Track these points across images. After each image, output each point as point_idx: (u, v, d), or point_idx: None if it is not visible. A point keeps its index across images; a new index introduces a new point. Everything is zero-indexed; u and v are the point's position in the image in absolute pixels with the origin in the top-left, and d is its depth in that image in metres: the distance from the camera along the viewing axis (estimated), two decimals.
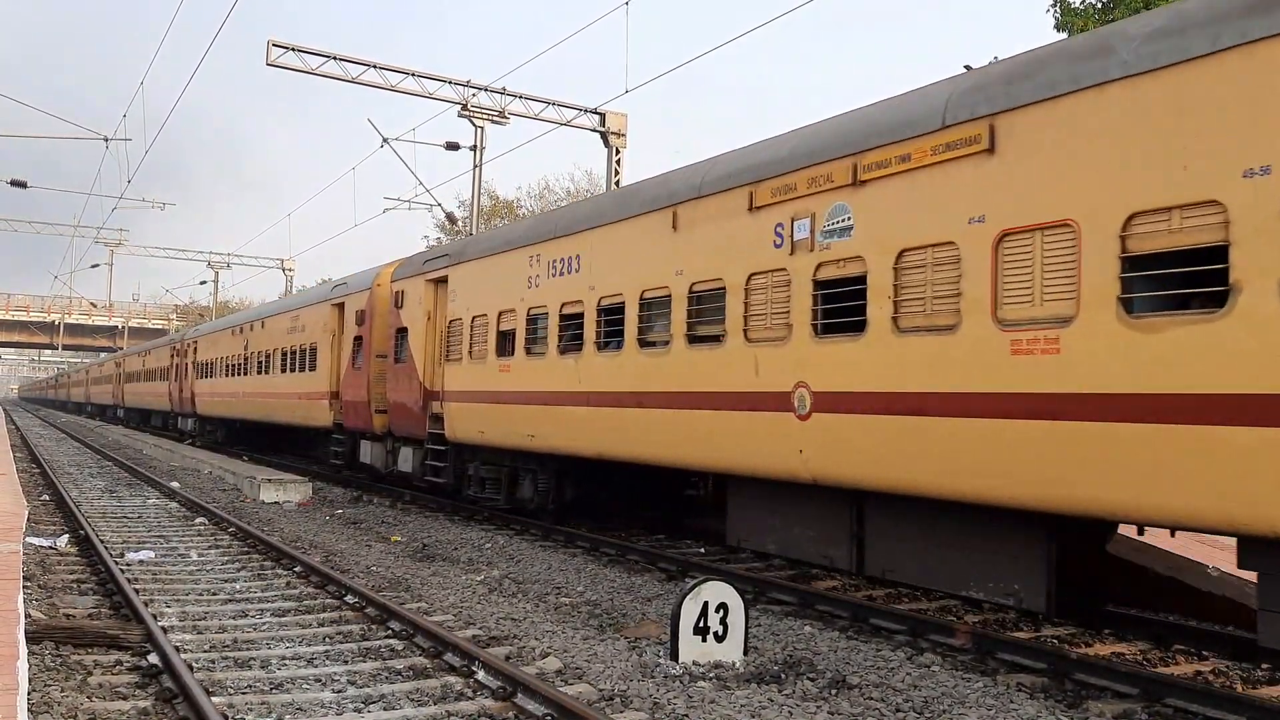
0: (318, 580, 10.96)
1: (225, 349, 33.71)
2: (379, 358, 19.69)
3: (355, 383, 20.86)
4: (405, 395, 18.22)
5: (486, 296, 15.48)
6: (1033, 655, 7.75)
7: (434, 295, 17.50)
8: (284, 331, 26.82)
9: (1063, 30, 19.46)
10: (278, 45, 23.12)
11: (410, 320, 18.22)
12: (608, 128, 25.99)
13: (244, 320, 32.29)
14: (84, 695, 6.73)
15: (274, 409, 27.54)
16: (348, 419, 21.43)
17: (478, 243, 16.58)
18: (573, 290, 13.15)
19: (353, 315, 21.33)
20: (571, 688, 7.05)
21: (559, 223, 14.02)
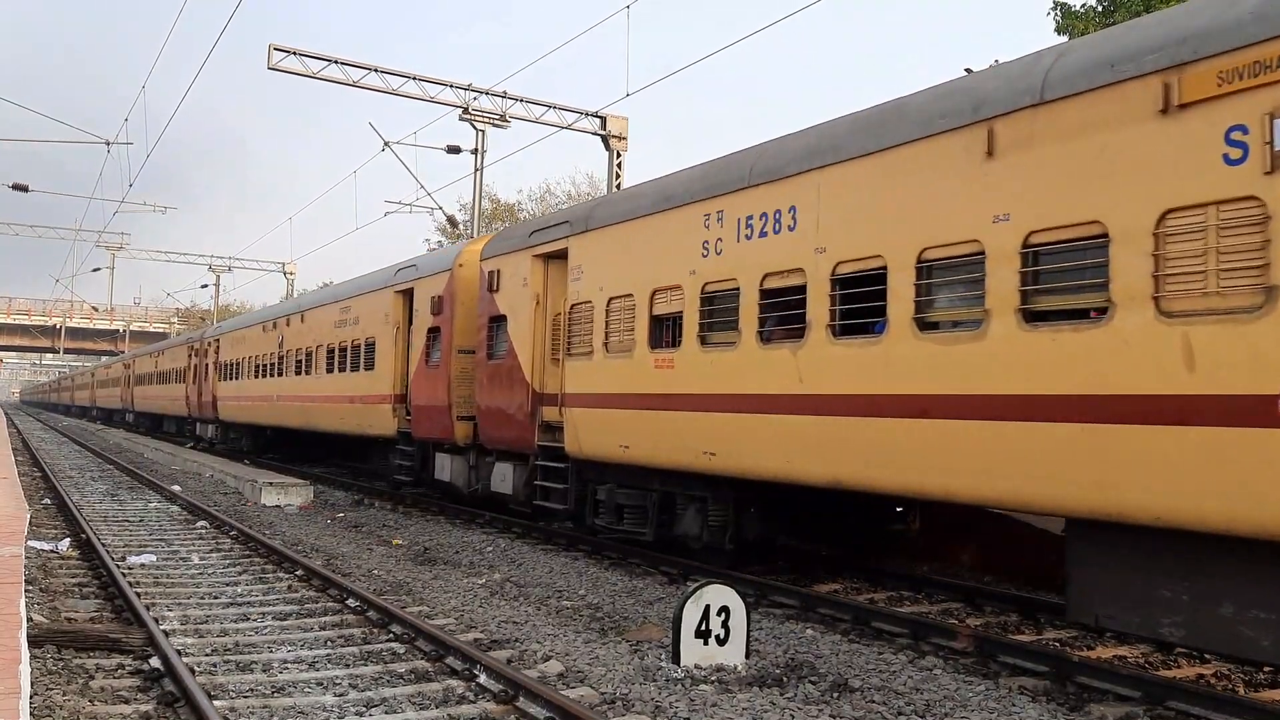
0: (319, 584, 10.96)
1: (254, 347, 30.07)
2: (462, 353, 16.56)
3: (430, 383, 17.53)
4: (503, 399, 14.91)
5: (631, 271, 11.97)
6: (1034, 658, 7.75)
7: (545, 273, 14.16)
8: (329, 325, 23.28)
9: (1063, 33, 19.47)
10: (279, 49, 23.16)
11: (510, 306, 14.85)
12: (609, 131, 26.01)
13: (278, 314, 28.64)
14: (86, 699, 6.73)
15: (317, 415, 23.95)
16: (419, 427, 18.00)
17: (613, 204, 13.06)
18: (784, 255, 9.69)
19: (426, 302, 17.87)
20: (573, 691, 7.05)
21: (756, 165, 10.32)
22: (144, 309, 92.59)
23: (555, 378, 13.69)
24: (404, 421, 18.88)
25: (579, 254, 13.20)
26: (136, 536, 14.64)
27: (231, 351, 32.85)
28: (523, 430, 14.34)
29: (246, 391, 30.74)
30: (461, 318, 16.84)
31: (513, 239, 15.23)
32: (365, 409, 20.62)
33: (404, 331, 19.09)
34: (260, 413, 29.22)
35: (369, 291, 21.22)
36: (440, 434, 17.23)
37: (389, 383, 19.39)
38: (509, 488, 15.07)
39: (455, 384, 16.67)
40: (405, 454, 19.13)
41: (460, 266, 16.98)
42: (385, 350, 19.73)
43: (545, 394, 13.93)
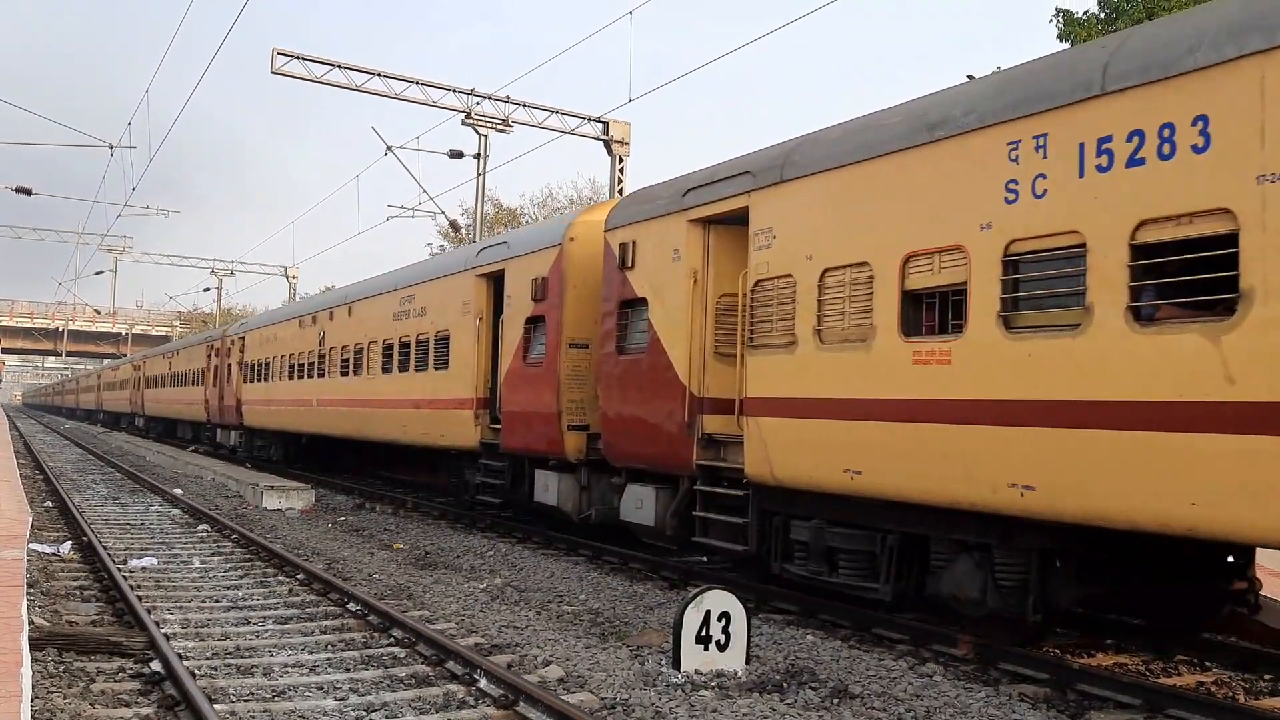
0: (320, 588, 10.97)
1: (288, 345, 26.64)
2: (575, 347, 13.69)
3: (529, 385, 14.46)
4: (642, 404, 11.82)
5: (865, 230, 8.82)
6: (1035, 665, 7.74)
7: (705, 243, 11.20)
8: (386, 317, 20.08)
9: (1066, 40, 19.50)
10: (282, 54, 23.22)
11: (653, 286, 11.79)
12: (611, 136, 26.06)
13: (318, 307, 25.09)
14: (87, 702, 6.74)
15: (369, 421, 20.69)
16: (511, 437, 14.94)
17: (827, 143, 9.59)
18: (1180, 190, 6.56)
19: (523, 287, 14.82)
20: (573, 696, 7.05)
21: (1114, 63, 7.14)
22: (146, 312, 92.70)
23: (724, 377, 10.92)
24: (488, 431, 15.95)
25: (768, 213, 10.02)
26: (138, 540, 14.65)
27: (259, 350, 29.57)
28: (672, 445, 11.21)
29: (278, 395, 27.44)
30: (574, 304, 13.76)
31: (655, 201, 11.99)
32: (436, 415, 17.48)
33: (488, 323, 16.14)
34: (295, 418, 25.96)
35: (441, 276, 17.94)
36: (543, 447, 14.09)
37: (469, 384, 16.35)
38: (648, 517, 11.86)
39: (565, 385, 13.64)
40: (491, 470, 15.93)
41: (572, 241, 13.82)
42: (464, 345, 16.67)
43: (707, 399, 10.97)
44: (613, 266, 12.57)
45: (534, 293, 14.45)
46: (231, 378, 32.33)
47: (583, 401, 13.61)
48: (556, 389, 13.72)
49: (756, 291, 10.19)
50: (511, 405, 15.00)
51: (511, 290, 15.26)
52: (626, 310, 12.40)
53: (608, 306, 12.69)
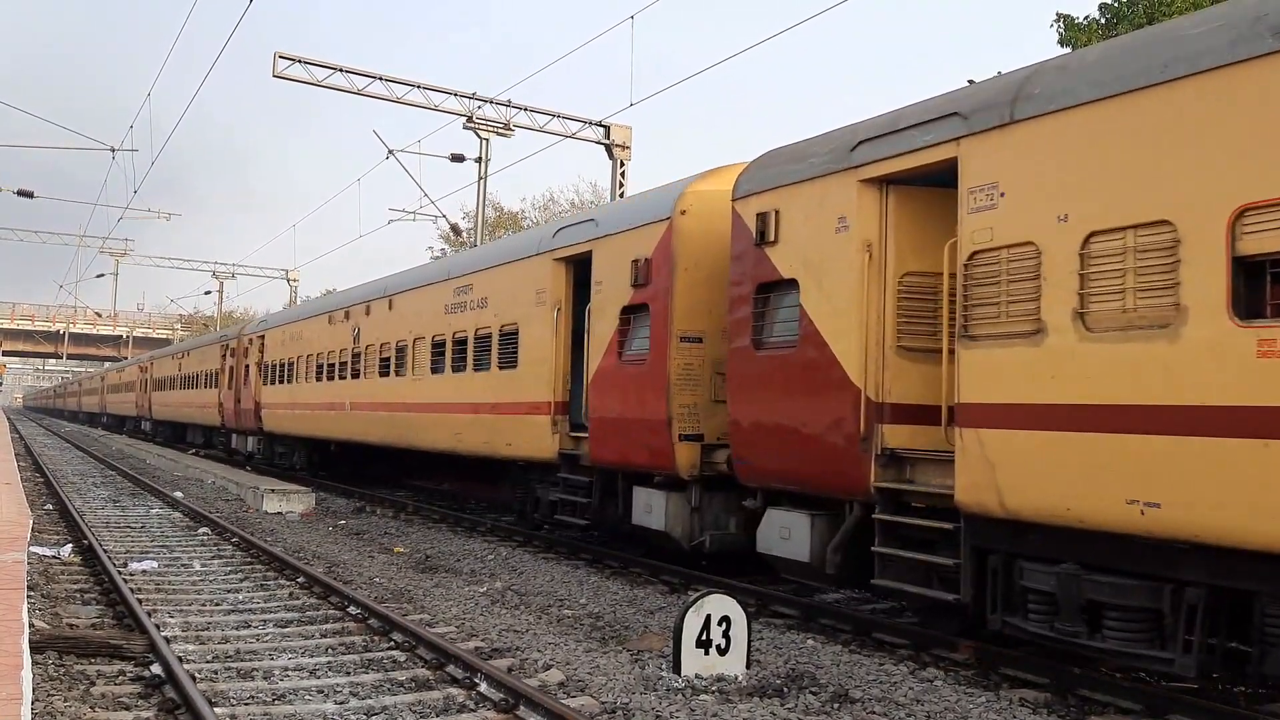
0: (320, 591, 10.96)
1: (315, 343, 24.41)
2: (686, 342, 11.60)
3: (626, 386, 12.38)
4: (791, 411, 9.63)
5: (1168, 178, 6.61)
6: (1036, 670, 7.74)
7: (883, 209, 8.93)
8: (436, 311, 17.89)
9: (1066, 44, 19.54)
10: (284, 58, 23.26)
11: (806, 265, 9.52)
12: (612, 140, 26.09)
13: (351, 301, 22.64)
14: (87, 705, 6.74)
15: (416, 428, 18.41)
16: (602, 448, 12.74)
17: (1089, 68, 7.39)
18: None
19: (618, 271, 12.62)
20: (574, 700, 7.05)
21: None
22: (148, 315, 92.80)
23: (910, 378, 8.84)
24: (568, 439, 13.74)
25: (990, 164, 7.82)
26: (138, 543, 14.65)
27: (282, 350, 27.22)
28: (838, 462, 9.06)
29: (303, 397, 25.18)
30: (686, 289, 11.61)
31: (808, 160, 9.65)
32: (500, 422, 15.25)
33: (568, 314, 13.96)
34: (323, 424, 23.72)
35: (506, 262, 15.68)
36: (645, 460, 11.94)
37: (544, 385, 14.02)
38: (800, 550, 9.66)
39: (676, 387, 11.53)
40: (573, 487, 13.61)
41: (683, 215, 11.67)
42: (536, 340, 14.40)
43: (888, 404, 8.79)
44: (746, 242, 10.30)
45: (633, 277, 12.19)
46: (249, 379, 30.01)
47: (696, 406, 11.53)
48: (665, 391, 11.55)
49: (974, 266, 7.85)
50: (603, 410, 12.70)
51: (602, 275, 12.95)
52: (766, 295, 10.08)
53: (739, 291, 10.41)
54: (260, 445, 29.67)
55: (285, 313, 31.36)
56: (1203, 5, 15.95)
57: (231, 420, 32.15)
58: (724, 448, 11.14)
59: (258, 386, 29.17)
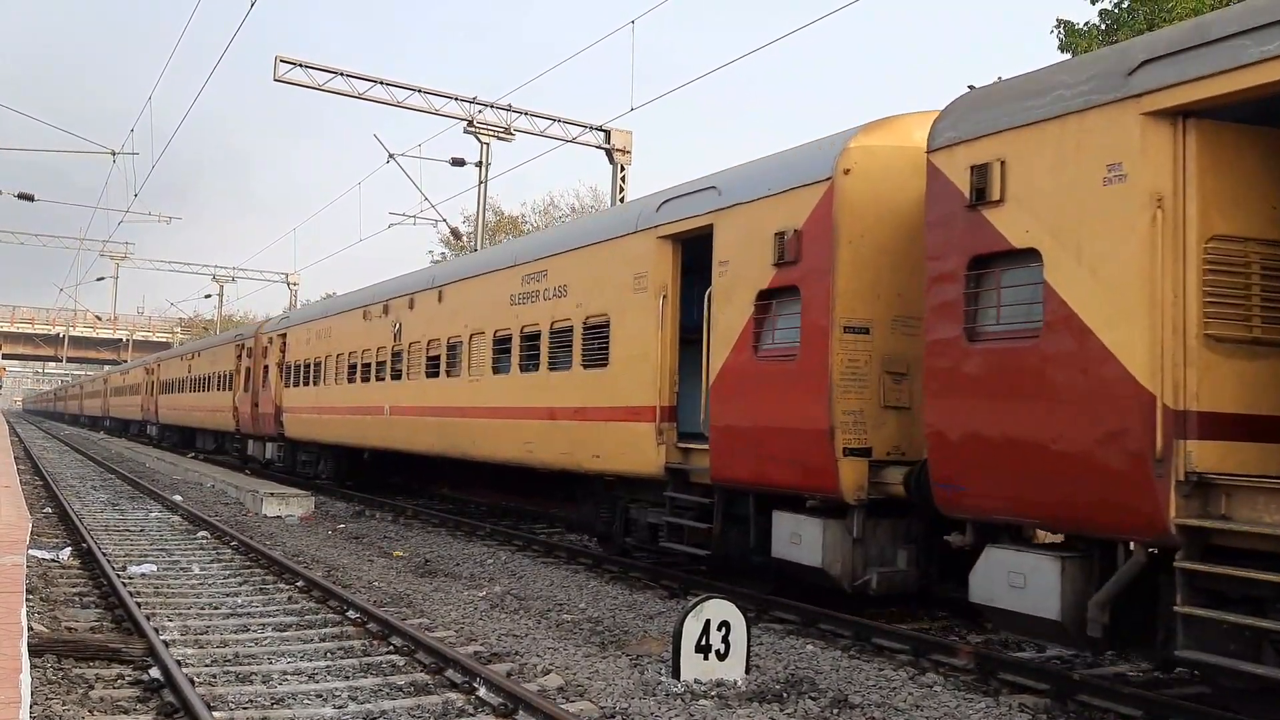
0: (319, 595, 10.95)
1: (347, 340, 22.22)
2: (851, 333, 9.52)
3: (767, 387, 10.14)
4: (1027, 420, 7.51)
5: None
6: (1035, 676, 7.73)
7: (1179, 153, 6.85)
8: (499, 301, 15.53)
9: (1067, 51, 19.56)
10: (285, 61, 23.29)
11: (1053, 230, 7.44)
12: (613, 145, 26.11)
13: (392, 293, 20.29)
14: (85, 709, 6.73)
15: (471, 435, 16.14)
16: (729, 462, 10.54)
17: None
18: None
19: (752, 247, 10.47)
20: (573, 705, 7.04)
21: None
22: (147, 318, 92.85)
23: (1230, 377, 6.73)
24: (675, 452, 11.46)
25: None
26: (137, 546, 14.64)
27: (307, 348, 25.11)
28: (1114, 489, 6.88)
29: (331, 401, 23.01)
30: (851, 267, 9.44)
31: (1054, 92, 7.50)
32: (586, 430, 12.96)
33: (675, 302, 11.78)
34: (355, 429, 21.53)
35: (593, 243, 13.42)
36: (794, 479, 9.73)
37: (645, 387, 11.74)
38: (1047, 605, 7.32)
39: (840, 389, 9.32)
40: (682, 508, 11.34)
41: (847, 174, 9.50)
42: (634, 334, 12.14)
43: (1194, 414, 6.63)
44: (952, 204, 8.17)
45: (776, 254, 10.02)
46: (269, 381, 27.75)
47: (862, 413, 9.37)
48: (826, 395, 9.31)
49: None
50: (729, 417, 10.49)
51: (728, 253, 10.74)
52: (985, 271, 7.95)
53: (942, 267, 8.25)
54: (281, 452, 27.55)
55: (311, 308, 28.28)
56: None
57: (248, 425, 29.98)
58: (895, 465, 9.29)
59: (278, 389, 26.92)
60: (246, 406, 29.84)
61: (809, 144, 10.57)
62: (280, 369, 26.97)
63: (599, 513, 13.56)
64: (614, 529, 13.16)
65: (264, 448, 28.97)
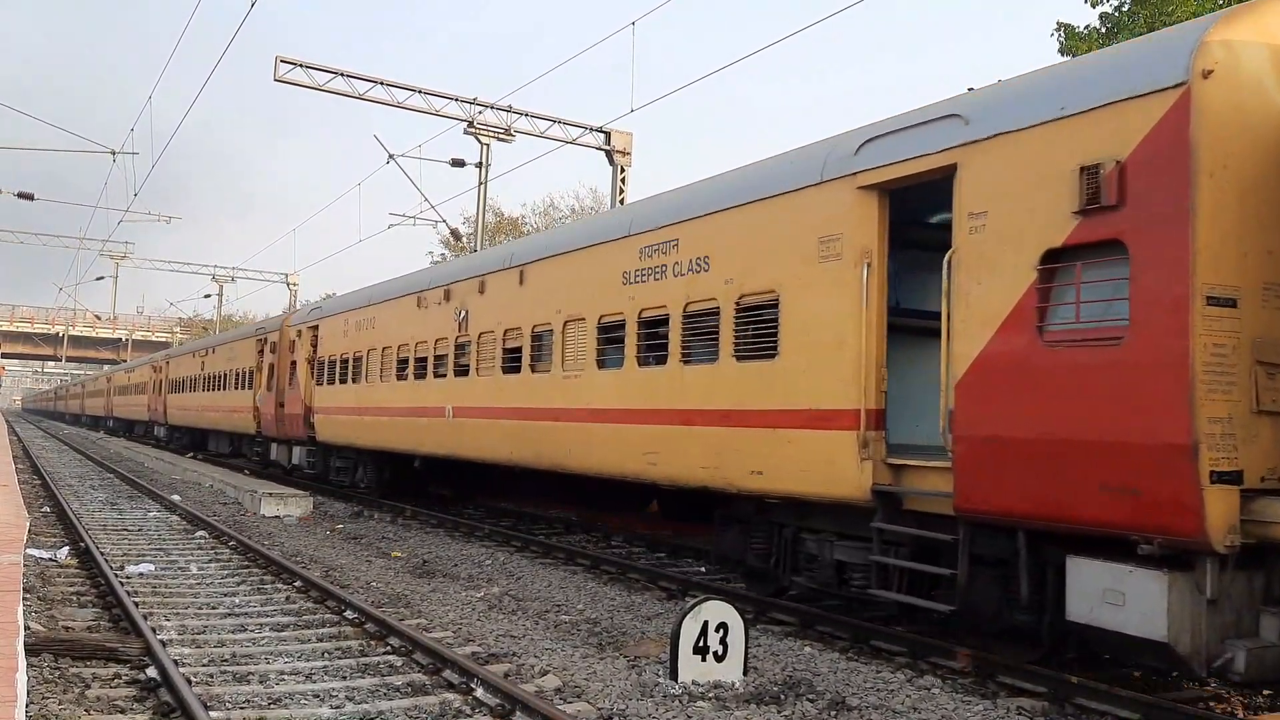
0: (317, 595, 10.95)
1: (397, 331, 19.27)
2: (1216, 305, 6.75)
3: (1061, 383, 7.39)
4: None
5: None
6: (1033, 679, 7.72)
7: None
8: (604, 281, 12.90)
9: (1067, 54, 19.57)
10: (285, 61, 23.29)
11: None
12: (613, 146, 26.12)
13: (454, 277, 17.51)
14: (82, 708, 6.72)
15: (572, 443, 13.25)
16: (988, 487, 7.76)
17: None
18: None
19: (1035, 189, 7.70)
20: (570, 706, 7.03)
21: None
22: (147, 318, 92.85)
23: None
24: (884, 471, 8.74)
25: None
26: (135, 546, 14.62)
27: (344, 341, 22.11)
28: None
29: (374, 400, 20.06)
30: (1214, 213, 6.74)
31: None
32: (744, 438, 10.22)
33: (881, 271, 9.06)
34: (409, 434, 18.49)
35: (750, 201, 10.63)
36: (1110, 515, 6.95)
37: (842, 384, 9.19)
38: None
39: (1205, 387, 6.63)
40: (893, 543, 8.72)
41: (1208, 78, 6.80)
42: (821, 314, 9.50)
43: None
44: None
45: (1082, 197, 7.27)
46: (297, 379, 25.05)
47: (1232, 422, 6.69)
48: (1183, 394, 6.62)
49: None
50: (994, 424, 7.75)
51: (985, 201, 8.01)
52: None
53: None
54: (311, 458, 24.44)
55: (349, 296, 23.99)
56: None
57: (271, 427, 27.07)
58: (1273, 495, 6.67)
59: (308, 387, 24.12)
60: (270, 407, 27.09)
61: (1134, 43, 7.96)
62: (311, 365, 24.23)
63: (748, 543, 10.78)
64: (774, 564, 10.52)
65: (289, 452, 26.05)
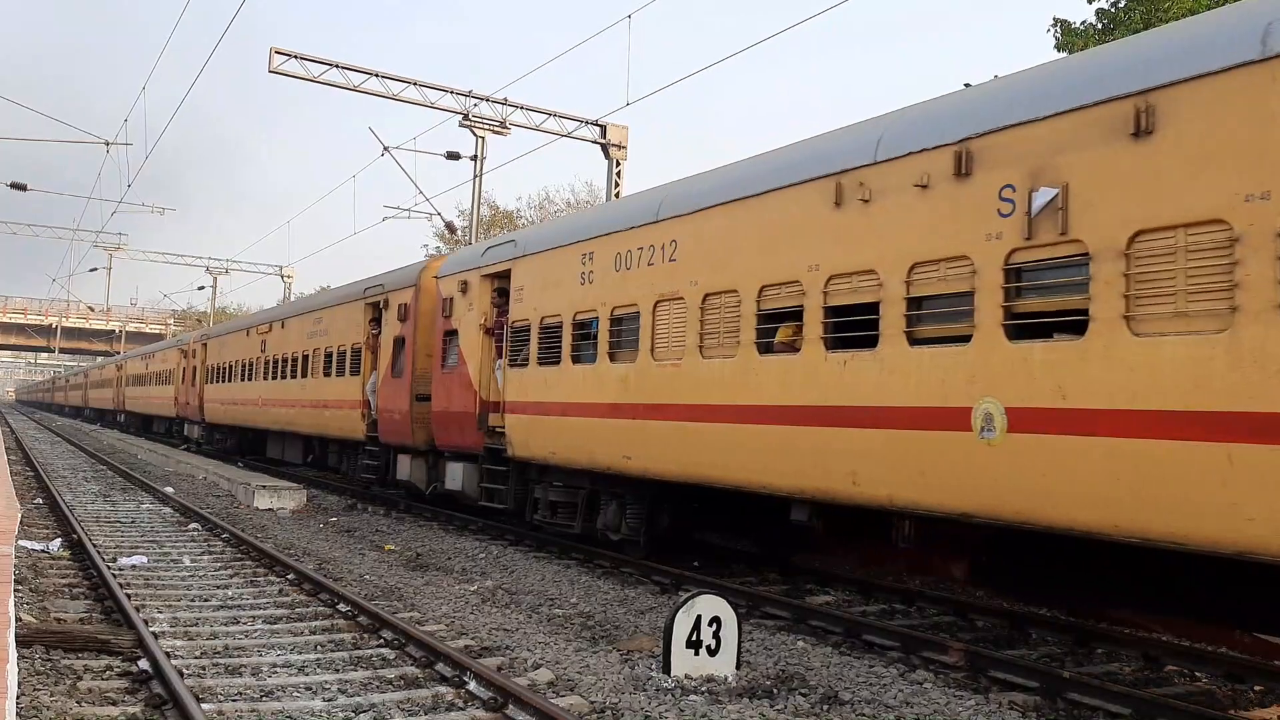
0: (310, 588, 10.93)
1: (731, 261, 10.34)
2: None
3: None
4: None
5: None
6: (1025, 673, 7.74)
7: None
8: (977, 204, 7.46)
9: (1063, 50, 19.57)
10: (280, 53, 23.20)
11: None
12: (608, 139, 26.08)
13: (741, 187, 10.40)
14: (73, 700, 6.70)
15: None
16: None
17: None
18: None
19: None
20: (563, 700, 7.03)
21: None
22: (140, 310, 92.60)
23: None
24: None
25: None
26: (128, 538, 14.60)
27: (557, 297, 13.52)
28: None
29: (656, 391, 11.39)
30: None
31: None
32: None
33: None
34: (685, 447, 10.89)
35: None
36: None
37: None
38: None
39: None
40: None
41: None
42: None
43: None
44: None
45: None
46: (459, 357, 16.05)
47: None
48: None
49: None
50: None
51: None
52: None
53: None
54: (494, 483, 15.03)
55: (572, 220, 15.86)
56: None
57: (398, 430, 18.15)
58: None
59: (485, 371, 15.34)
60: (399, 400, 18.14)
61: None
62: (493, 335, 15.37)
63: None
64: None
65: (439, 470, 17.01)
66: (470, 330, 15.79)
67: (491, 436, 14.89)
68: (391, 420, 18.58)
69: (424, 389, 17.31)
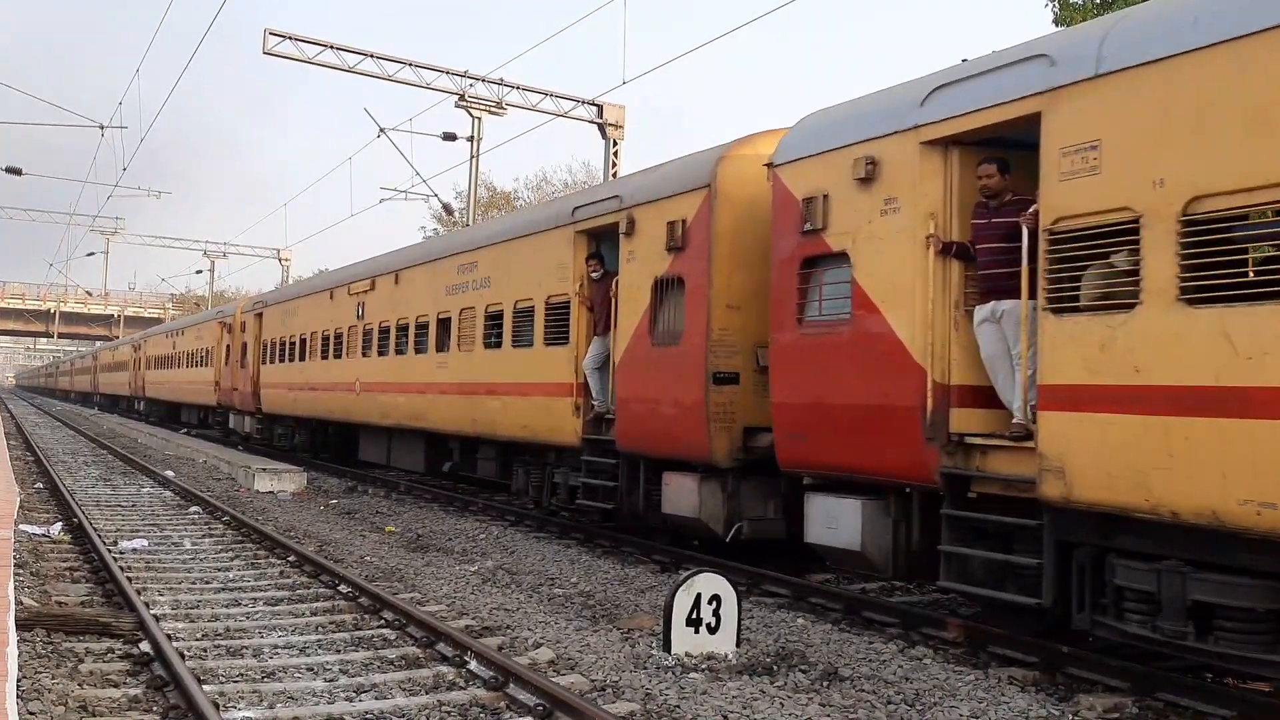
0: (311, 570, 10.95)
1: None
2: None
3: None
4: None
5: None
6: (1024, 649, 7.76)
7: None
8: None
9: (1061, 24, 19.44)
10: (274, 34, 23.08)
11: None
12: (605, 119, 25.97)
13: None
14: (75, 683, 6.72)
15: None
16: None
17: None
18: None
19: None
20: (563, 678, 7.05)
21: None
22: (139, 294, 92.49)
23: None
24: None
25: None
26: (129, 521, 14.61)
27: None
28: None
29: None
30: None
31: None
32: None
33: None
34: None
35: None
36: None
37: None
38: None
39: None
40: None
41: None
42: None
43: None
44: None
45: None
46: (863, 299, 8.56)
47: None
48: None
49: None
50: None
51: None
52: None
53: None
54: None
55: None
56: None
57: (650, 434, 11.58)
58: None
59: (933, 325, 7.97)
60: (672, 382, 11.16)
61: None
62: (954, 257, 8.04)
63: None
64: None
65: (789, 508, 10.64)
66: (896, 250, 8.26)
67: (958, 454, 7.89)
68: (648, 415, 11.58)
69: (727, 363, 10.71)
